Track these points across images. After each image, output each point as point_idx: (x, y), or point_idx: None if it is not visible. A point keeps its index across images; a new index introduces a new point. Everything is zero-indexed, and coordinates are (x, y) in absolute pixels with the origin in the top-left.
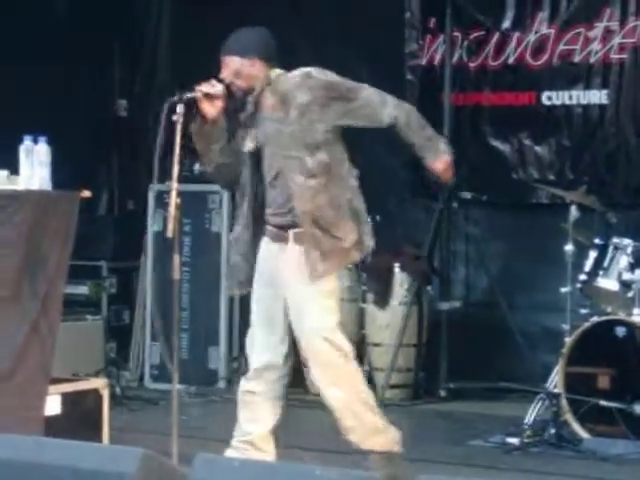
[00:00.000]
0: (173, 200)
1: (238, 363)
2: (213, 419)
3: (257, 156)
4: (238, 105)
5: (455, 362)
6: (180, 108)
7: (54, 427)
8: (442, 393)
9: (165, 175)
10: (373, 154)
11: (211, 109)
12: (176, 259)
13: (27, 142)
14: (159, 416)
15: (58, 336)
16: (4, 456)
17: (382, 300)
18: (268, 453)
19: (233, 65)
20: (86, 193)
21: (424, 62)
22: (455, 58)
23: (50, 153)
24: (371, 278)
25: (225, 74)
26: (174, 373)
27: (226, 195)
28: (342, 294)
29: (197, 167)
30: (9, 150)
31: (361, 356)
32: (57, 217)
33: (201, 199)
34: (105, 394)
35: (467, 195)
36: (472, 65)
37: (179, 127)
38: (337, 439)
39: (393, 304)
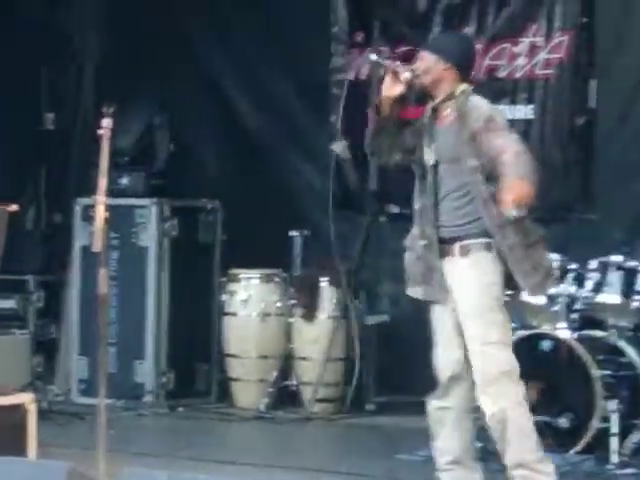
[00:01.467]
0: (100, 214)
1: (165, 377)
2: (140, 433)
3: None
4: (409, 101)
5: (383, 376)
6: (107, 123)
7: None
8: (370, 407)
9: (91, 189)
10: (296, 168)
11: (390, 89)
12: (103, 273)
13: None
14: (86, 430)
15: None
16: None
17: (310, 314)
18: (474, 469)
19: (427, 61)
20: (13, 207)
21: (350, 76)
22: (382, 72)
23: None
24: (299, 292)
25: (417, 66)
26: (101, 387)
27: (154, 209)
28: (270, 308)
29: (124, 181)
30: None
31: (289, 370)
32: None
33: (128, 213)
34: (32, 408)
35: (394, 209)
36: None
37: (105, 141)
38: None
39: (321, 318)
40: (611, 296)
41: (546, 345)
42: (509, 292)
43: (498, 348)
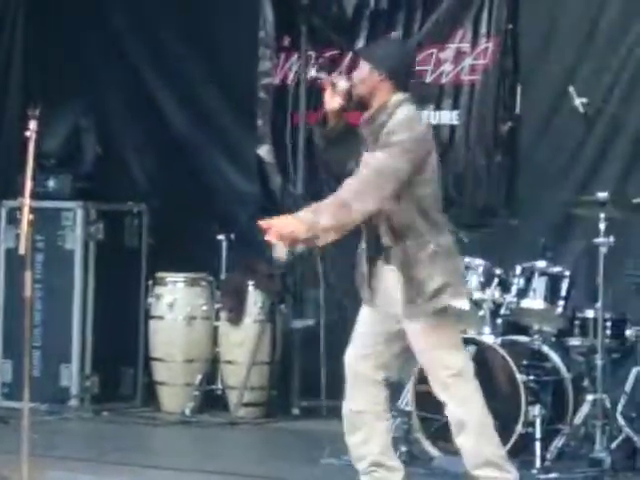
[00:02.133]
0: (25, 216)
1: (90, 381)
2: (65, 437)
3: None
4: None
5: (308, 380)
6: (33, 125)
7: None
8: (295, 411)
9: (17, 191)
10: (223, 171)
11: (330, 102)
12: (27, 276)
13: None
14: (9, 434)
15: None
16: None
17: (235, 318)
18: (396, 469)
19: (363, 71)
20: None
21: (277, 81)
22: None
23: None
24: (225, 295)
25: (354, 75)
26: (25, 391)
27: (80, 212)
28: (196, 312)
29: (51, 183)
30: None
31: (214, 374)
32: None
33: (54, 216)
34: None
35: None
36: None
37: (32, 143)
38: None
39: (247, 322)
40: (535, 301)
41: (470, 350)
42: None
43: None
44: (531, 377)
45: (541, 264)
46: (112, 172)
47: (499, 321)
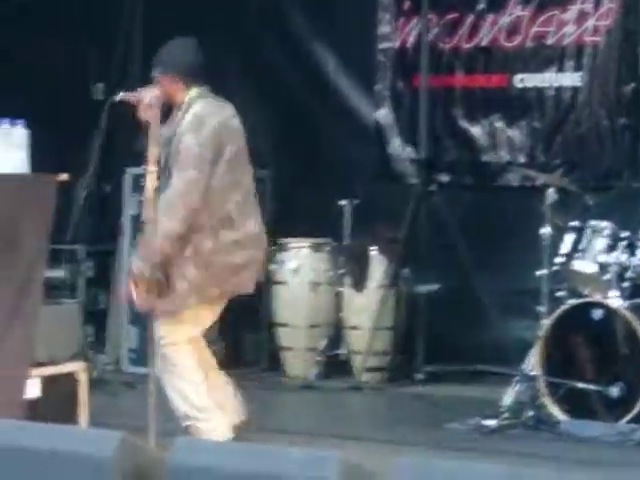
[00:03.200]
0: (150, 183)
1: (215, 347)
2: None
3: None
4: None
5: (432, 345)
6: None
7: (33, 410)
8: (419, 376)
9: (141, 159)
10: (338, 136)
11: (146, 115)
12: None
13: (4, 125)
14: (137, 399)
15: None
16: None
17: (359, 283)
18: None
19: (157, 79)
20: (63, 176)
21: (396, 45)
22: (428, 40)
23: (28, 137)
24: (348, 261)
25: (154, 86)
26: (151, 356)
27: None
28: (319, 278)
29: None
30: None
31: (338, 339)
32: (34, 201)
33: None
34: (83, 378)
35: (444, 178)
36: (445, 47)
37: (156, 110)
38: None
39: (370, 287)
40: None
41: (597, 314)
42: None
43: None
44: None
45: None
46: None
47: (626, 284)
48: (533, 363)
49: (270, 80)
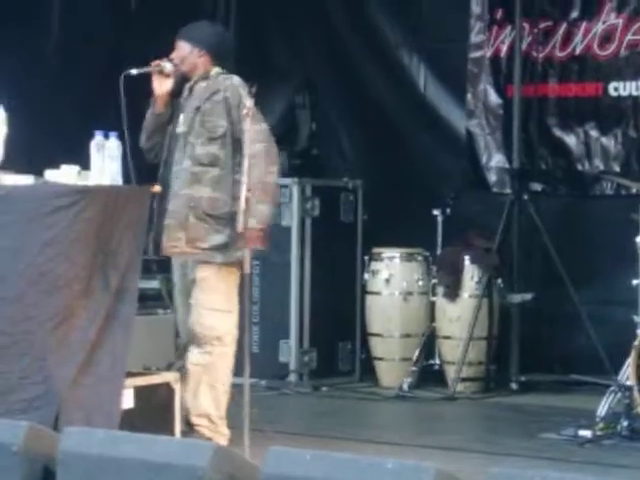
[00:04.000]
0: (243, 194)
1: (309, 357)
2: (284, 413)
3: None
4: (176, 89)
5: (526, 355)
6: (251, 102)
7: (128, 420)
8: (513, 386)
9: None
10: (428, 149)
11: (161, 86)
12: (246, 253)
13: (98, 137)
14: (231, 410)
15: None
16: (77, 450)
17: (452, 293)
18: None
19: (183, 50)
20: (156, 188)
21: (489, 54)
22: (521, 49)
23: (121, 148)
24: (441, 271)
25: (174, 56)
26: (245, 367)
27: (296, 189)
28: (412, 287)
29: None
30: (80, 146)
31: (431, 349)
32: (128, 212)
33: None
34: (177, 387)
35: (537, 187)
36: (539, 56)
37: (249, 121)
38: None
39: (463, 297)
40: None
41: None
42: None
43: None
44: None
45: None
46: (325, 148)
47: None
48: (628, 373)
49: (361, 91)
